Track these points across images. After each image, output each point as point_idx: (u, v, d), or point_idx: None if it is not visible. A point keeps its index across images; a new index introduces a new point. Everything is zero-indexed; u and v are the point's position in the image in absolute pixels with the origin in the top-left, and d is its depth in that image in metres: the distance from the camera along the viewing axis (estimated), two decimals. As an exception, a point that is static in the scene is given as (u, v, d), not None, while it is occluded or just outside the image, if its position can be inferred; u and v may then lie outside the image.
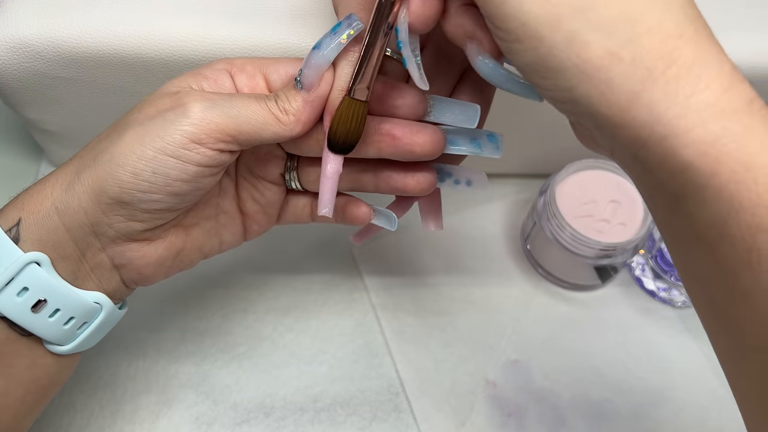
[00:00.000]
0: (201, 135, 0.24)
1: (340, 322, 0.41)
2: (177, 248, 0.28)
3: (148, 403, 0.37)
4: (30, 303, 0.24)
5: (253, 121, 0.25)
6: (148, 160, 0.24)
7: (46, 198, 0.25)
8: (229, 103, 0.25)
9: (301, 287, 0.42)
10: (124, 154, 0.24)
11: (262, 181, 0.30)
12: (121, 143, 0.24)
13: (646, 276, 0.43)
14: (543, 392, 0.39)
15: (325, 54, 0.24)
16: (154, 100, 0.26)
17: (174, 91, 0.26)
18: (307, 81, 0.25)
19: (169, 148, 0.24)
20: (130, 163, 0.24)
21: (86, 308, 0.26)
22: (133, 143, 0.24)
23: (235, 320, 0.40)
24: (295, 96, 0.25)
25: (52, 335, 0.26)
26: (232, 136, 0.25)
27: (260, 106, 0.25)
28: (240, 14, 0.34)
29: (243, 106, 0.25)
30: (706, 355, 0.41)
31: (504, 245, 0.45)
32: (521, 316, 0.42)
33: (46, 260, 0.24)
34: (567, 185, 0.41)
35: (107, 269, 0.26)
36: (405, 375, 0.39)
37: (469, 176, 0.29)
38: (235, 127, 0.24)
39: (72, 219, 0.24)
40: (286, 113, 0.25)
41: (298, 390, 0.38)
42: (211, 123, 0.24)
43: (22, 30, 0.33)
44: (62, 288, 0.25)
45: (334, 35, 0.24)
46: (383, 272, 0.43)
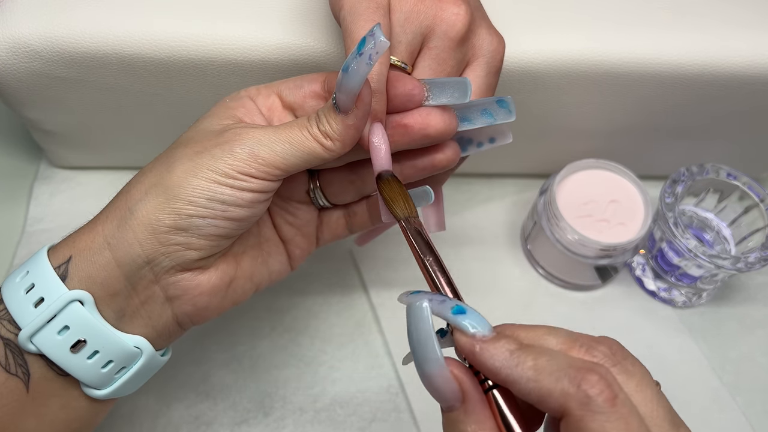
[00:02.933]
0: (251, 171, 0.25)
1: (340, 322, 0.41)
2: (229, 277, 0.28)
3: (147, 403, 0.37)
4: (70, 342, 0.24)
5: (299, 152, 0.25)
6: (203, 189, 0.24)
7: (97, 235, 0.25)
8: (276, 137, 0.25)
9: (301, 287, 0.42)
10: (177, 185, 0.24)
11: (291, 203, 0.30)
12: (173, 176, 0.25)
13: (647, 276, 0.43)
14: (543, 392, 0.39)
15: (356, 78, 0.24)
16: (199, 139, 0.26)
17: (217, 129, 0.26)
18: (344, 105, 0.25)
19: (222, 179, 0.24)
20: (186, 193, 0.24)
21: (126, 352, 0.26)
22: (185, 175, 0.24)
23: (234, 320, 0.40)
24: (335, 119, 0.25)
25: (89, 378, 0.25)
26: (281, 169, 0.25)
27: (304, 135, 0.25)
28: (240, 14, 0.34)
29: (288, 138, 0.25)
30: (706, 355, 0.41)
31: (504, 245, 0.45)
32: (522, 317, 0.42)
33: (89, 299, 0.24)
34: (567, 185, 0.41)
35: (159, 303, 0.26)
36: (405, 375, 0.39)
37: (490, 134, 0.29)
38: (283, 160, 0.25)
39: (125, 253, 0.24)
40: (329, 138, 0.25)
41: (298, 390, 0.38)
42: (259, 159, 0.25)
43: (22, 30, 0.33)
44: (103, 329, 0.25)
45: (360, 57, 0.23)
46: (383, 272, 0.43)
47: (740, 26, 0.37)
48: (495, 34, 0.28)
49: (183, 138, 0.27)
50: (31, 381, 0.24)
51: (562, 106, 0.39)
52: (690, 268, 0.40)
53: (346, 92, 0.24)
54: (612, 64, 0.36)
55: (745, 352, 0.42)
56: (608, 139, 0.43)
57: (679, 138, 0.43)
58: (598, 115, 0.40)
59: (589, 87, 0.37)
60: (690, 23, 0.37)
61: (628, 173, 0.41)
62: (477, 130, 0.29)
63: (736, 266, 0.37)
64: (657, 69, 0.36)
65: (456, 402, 0.21)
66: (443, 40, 0.27)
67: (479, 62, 0.28)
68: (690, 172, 0.40)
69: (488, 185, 0.47)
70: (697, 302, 0.43)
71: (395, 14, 0.26)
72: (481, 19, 0.28)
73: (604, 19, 0.37)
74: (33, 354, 0.24)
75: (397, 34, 0.26)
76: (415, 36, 0.27)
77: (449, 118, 0.26)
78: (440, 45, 0.27)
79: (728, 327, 0.43)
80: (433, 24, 0.27)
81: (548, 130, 0.41)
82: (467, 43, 0.27)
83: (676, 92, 0.38)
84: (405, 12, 0.26)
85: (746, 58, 0.36)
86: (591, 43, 0.36)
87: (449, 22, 0.27)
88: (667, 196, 0.39)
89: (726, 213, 0.42)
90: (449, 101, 0.26)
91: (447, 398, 0.21)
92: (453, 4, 0.27)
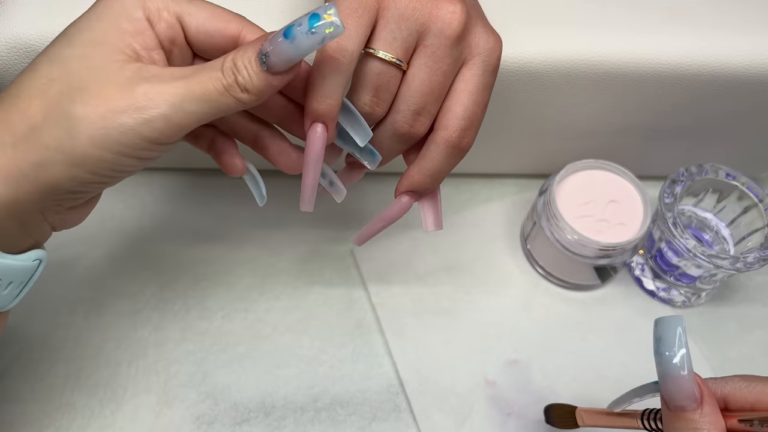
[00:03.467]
0: (164, 138, 0.24)
1: (340, 322, 0.41)
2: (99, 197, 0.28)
3: (148, 403, 0.37)
4: None
5: (212, 110, 0.24)
6: (108, 162, 0.23)
7: None
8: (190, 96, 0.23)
9: (301, 287, 0.42)
10: (81, 157, 0.23)
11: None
12: (76, 146, 0.23)
13: (646, 276, 0.43)
14: (542, 392, 0.39)
15: (299, 51, 0.23)
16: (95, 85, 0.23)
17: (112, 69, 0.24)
18: (274, 68, 0.24)
19: (130, 152, 0.23)
20: (90, 166, 0.23)
21: (30, 270, 0.26)
22: (90, 148, 0.23)
23: (235, 320, 0.41)
24: (259, 75, 0.24)
25: (1, 303, 0.26)
26: (194, 126, 0.24)
27: (218, 90, 0.24)
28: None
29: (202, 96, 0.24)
30: (705, 356, 0.41)
31: (504, 245, 0.45)
32: (521, 316, 0.42)
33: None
34: (567, 185, 0.41)
35: (45, 231, 0.27)
36: (405, 375, 0.39)
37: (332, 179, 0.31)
38: (196, 121, 0.24)
39: (18, 209, 0.24)
40: (246, 91, 0.24)
41: (299, 389, 0.38)
42: (174, 126, 0.23)
43: (22, 30, 0.33)
44: (11, 265, 0.25)
45: (312, 35, 0.23)
46: (383, 272, 0.43)
47: (739, 26, 0.37)
48: (492, 33, 0.28)
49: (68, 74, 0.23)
50: None
51: (562, 106, 0.39)
52: (689, 268, 0.40)
53: (284, 60, 0.23)
54: (611, 64, 0.36)
55: (745, 352, 0.42)
56: (608, 140, 0.43)
57: (678, 138, 0.43)
58: (598, 115, 0.40)
59: (588, 87, 0.37)
60: (689, 23, 0.37)
61: (628, 173, 0.41)
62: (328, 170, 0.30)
63: (735, 266, 0.37)
64: (656, 69, 0.36)
65: (693, 403, 0.24)
66: (439, 38, 0.27)
67: (475, 61, 0.28)
68: (689, 172, 0.40)
69: (488, 185, 0.47)
70: (696, 302, 0.43)
71: (389, 11, 0.26)
72: (478, 18, 0.28)
73: (603, 20, 0.37)
74: None
75: (392, 30, 0.26)
76: (410, 33, 0.26)
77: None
78: (436, 43, 0.27)
79: (727, 327, 0.43)
80: (428, 22, 0.26)
81: (548, 130, 0.42)
82: (463, 42, 0.27)
83: (675, 92, 0.38)
84: (400, 9, 0.26)
85: (745, 59, 0.36)
86: (590, 44, 0.36)
87: (445, 20, 0.26)
88: (666, 196, 0.39)
89: (725, 213, 0.42)
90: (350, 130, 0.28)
91: (686, 397, 0.24)
92: (449, 3, 0.27)
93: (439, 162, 0.29)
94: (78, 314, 0.40)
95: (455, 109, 0.28)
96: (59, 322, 0.39)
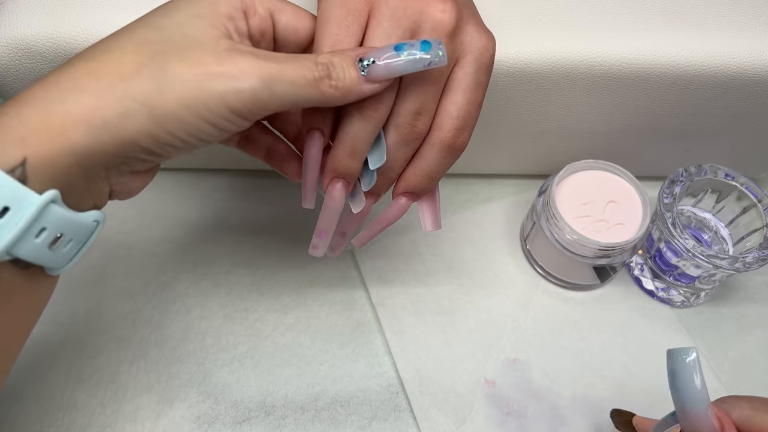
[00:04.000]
0: (246, 112, 0.24)
1: (340, 321, 0.41)
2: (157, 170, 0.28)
3: (149, 402, 0.37)
4: (48, 241, 0.24)
5: (298, 98, 0.25)
6: (187, 124, 0.24)
7: (58, 137, 0.23)
8: (280, 77, 0.24)
9: (301, 287, 0.42)
10: (165, 114, 0.23)
11: None
12: (163, 101, 0.23)
13: (645, 276, 0.44)
14: (542, 391, 0.39)
15: (405, 66, 0.25)
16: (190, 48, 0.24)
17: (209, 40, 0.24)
18: (374, 75, 0.25)
19: (211, 118, 0.24)
20: (169, 124, 0.23)
21: (88, 229, 0.26)
22: (176, 106, 0.23)
23: (236, 320, 0.41)
24: (352, 76, 0.25)
25: (57, 263, 0.25)
26: (273, 110, 0.25)
27: (307, 80, 0.24)
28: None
29: (292, 80, 0.24)
30: (704, 355, 0.41)
31: (504, 245, 0.45)
32: (521, 316, 0.42)
33: (59, 197, 0.23)
34: (566, 185, 0.41)
35: (104, 193, 0.26)
36: (405, 374, 0.39)
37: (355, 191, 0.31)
38: (281, 103, 0.24)
39: (90, 159, 0.24)
40: (336, 89, 0.25)
41: (299, 389, 0.38)
42: (259, 103, 0.24)
43: (23, 30, 0.33)
44: (76, 219, 0.25)
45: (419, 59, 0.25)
46: (383, 272, 0.43)
47: (739, 26, 0.37)
48: (484, 31, 0.28)
49: (168, 38, 0.24)
50: (1, 283, 0.24)
51: (561, 107, 0.39)
52: (688, 268, 0.40)
53: (385, 70, 0.25)
54: (611, 64, 0.36)
55: (744, 351, 0.42)
56: (607, 140, 0.43)
57: (677, 138, 0.43)
58: (597, 116, 0.40)
59: (587, 87, 0.38)
60: (689, 23, 0.37)
61: (627, 174, 0.41)
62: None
63: (734, 266, 0.37)
64: (656, 69, 0.36)
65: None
66: (431, 36, 0.27)
67: (468, 59, 0.28)
68: (688, 172, 0.40)
69: (488, 185, 0.47)
70: (696, 302, 0.43)
71: (381, 10, 0.26)
72: (470, 16, 0.28)
73: (603, 20, 0.37)
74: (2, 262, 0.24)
75: (385, 29, 0.26)
76: (403, 32, 0.27)
77: None
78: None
79: (726, 327, 0.43)
80: (420, 20, 0.27)
81: (547, 131, 0.42)
82: (456, 41, 0.27)
83: (675, 92, 0.38)
84: (391, 8, 0.26)
85: (744, 59, 0.36)
86: (590, 44, 0.36)
87: (436, 18, 0.26)
88: (665, 196, 0.39)
89: (724, 213, 0.42)
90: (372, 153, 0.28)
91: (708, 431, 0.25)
92: (440, 1, 0.27)
93: (435, 162, 0.29)
94: (78, 314, 0.40)
95: (449, 108, 0.28)
96: (60, 321, 0.40)
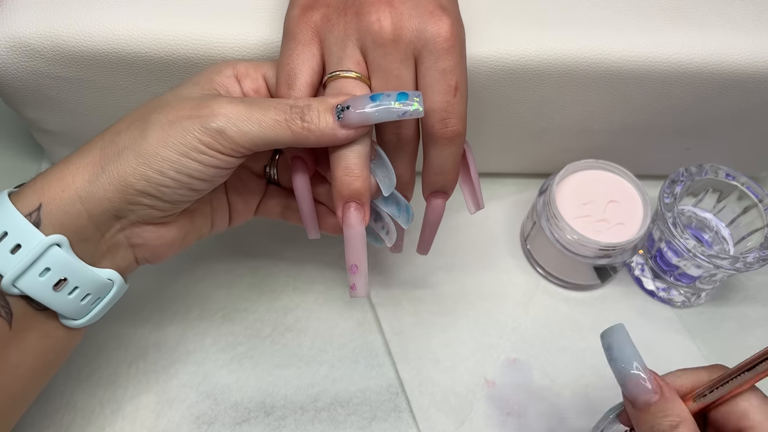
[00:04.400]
0: (218, 146, 0.26)
1: (340, 322, 0.41)
2: (185, 231, 0.30)
3: (148, 403, 0.37)
4: (52, 282, 0.26)
5: (268, 136, 0.26)
6: (172, 162, 0.26)
7: (68, 187, 0.26)
8: (248, 117, 0.26)
9: (301, 287, 0.42)
10: (149, 154, 0.26)
11: (247, 172, 0.33)
12: (146, 144, 0.26)
13: (646, 276, 0.43)
14: (542, 391, 0.39)
15: (378, 113, 0.26)
16: (173, 102, 0.27)
17: (195, 97, 0.27)
18: (348, 121, 0.26)
19: (191, 154, 0.26)
20: (156, 163, 0.26)
21: (101, 285, 0.28)
22: (157, 145, 0.26)
23: (235, 320, 0.41)
24: (327, 121, 0.26)
25: (69, 311, 0.27)
26: (248, 149, 0.27)
27: (278, 119, 0.26)
28: (240, 13, 0.34)
29: (261, 122, 0.26)
30: (704, 355, 0.41)
31: (504, 245, 0.45)
32: (521, 316, 0.42)
33: (66, 242, 0.26)
34: (566, 185, 0.41)
35: (123, 248, 0.29)
36: (405, 375, 0.39)
37: (389, 227, 0.32)
38: (250, 142, 0.26)
39: (96, 206, 0.26)
40: (309, 131, 0.26)
41: (299, 389, 0.38)
42: (227, 138, 0.26)
43: (22, 29, 0.33)
44: (81, 268, 0.27)
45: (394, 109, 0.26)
46: (383, 273, 0.43)
47: (741, 25, 0.37)
48: (431, 19, 0.27)
49: (162, 100, 0.28)
50: (13, 319, 0.26)
51: (562, 105, 0.39)
52: (689, 268, 0.40)
53: (359, 116, 0.26)
54: (612, 62, 0.36)
55: (745, 352, 0.41)
56: (608, 138, 0.43)
57: (678, 136, 0.43)
58: (598, 114, 0.40)
59: (588, 85, 0.37)
60: (690, 21, 0.37)
61: (627, 173, 0.41)
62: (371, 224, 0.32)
63: (735, 266, 0.37)
64: (657, 67, 0.36)
65: (654, 395, 0.26)
66: (375, 50, 0.27)
67: (422, 53, 0.28)
68: (689, 172, 0.40)
69: (488, 185, 0.47)
70: (696, 302, 0.43)
71: (329, 38, 0.28)
72: (413, 12, 0.27)
73: (604, 17, 0.37)
74: (15, 296, 0.26)
75: (335, 53, 0.28)
76: (353, 50, 0.28)
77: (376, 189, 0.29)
78: (376, 54, 0.28)
79: (727, 327, 0.43)
80: (363, 36, 0.27)
81: (548, 129, 0.42)
82: (402, 42, 0.27)
83: (676, 90, 0.38)
84: (336, 32, 0.28)
85: (746, 57, 0.36)
86: (591, 42, 0.36)
87: (373, 31, 0.27)
88: (666, 196, 0.39)
89: (725, 213, 0.42)
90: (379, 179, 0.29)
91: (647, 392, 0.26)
92: (374, 11, 0.27)
93: (438, 157, 0.29)
94: (78, 314, 0.40)
95: (425, 105, 0.28)
96: (59, 321, 0.39)
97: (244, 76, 0.30)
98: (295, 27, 0.28)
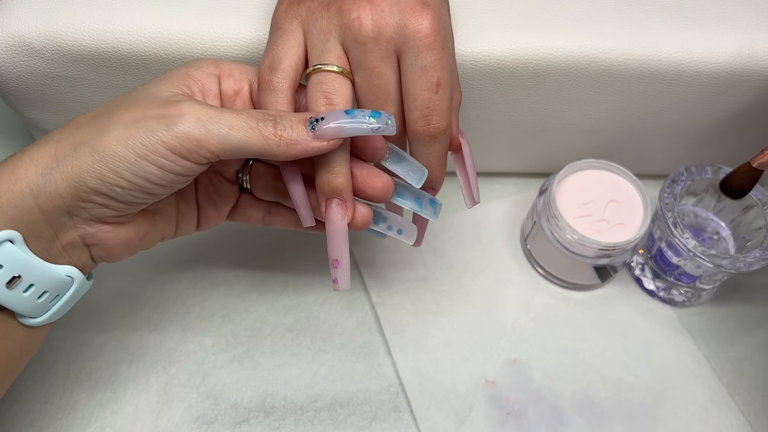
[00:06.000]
0: (182, 150, 0.25)
1: (340, 322, 0.41)
2: (143, 232, 0.29)
3: (148, 403, 0.37)
4: (5, 279, 0.25)
5: (239, 141, 0.25)
6: (130, 164, 0.25)
7: (20, 179, 0.25)
8: (217, 119, 0.25)
9: (301, 287, 0.42)
10: (106, 152, 0.24)
11: (219, 178, 0.32)
12: (104, 141, 0.25)
13: (646, 276, 0.43)
14: (542, 391, 0.39)
15: (351, 126, 0.26)
16: (141, 100, 0.26)
17: (164, 96, 0.26)
18: (322, 133, 0.26)
19: (151, 157, 0.25)
20: (113, 162, 0.25)
21: (59, 282, 0.27)
22: (116, 144, 0.24)
23: (235, 320, 0.41)
24: (300, 130, 0.26)
25: (26, 309, 0.26)
26: (214, 153, 0.25)
27: (249, 127, 0.25)
28: (240, 12, 0.34)
29: (231, 125, 0.25)
30: (705, 355, 0.41)
31: (504, 245, 0.45)
32: (521, 316, 0.42)
33: (19, 238, 0.25)
34: (567, 185, 0.41)
35: (78, 247, 0.27)
36: (405, 374, 0.39)
37: (401, 226, 0.31)
38: (218, 144, 0.25)
39: (47, 201, 0.25)
40: (280, 138, 0.26)
41: (299, 389, 0.38)
42: (193, 141, 0.25)
43: (22, 29, 0.33)
44: (36, 264, 0.26)
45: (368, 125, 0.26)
46: (383, 272, 0.43)
47: (741, 24, 0.37)
48: (411, 15, 0.27)
49: (128, 97, 0.26)
50: None
51: (562, 104, 0.39)
52: (689, 267, 0.40)
53: (333, 129, 0.26)
54: (612, 61, 0.36)
55: (745, 351, 0.42)
56: (608, 137, 0.43)
57: (678, 135, 0.43)
58: (598, 113, 0.40)
59: (588, 84, 0.37)
60: (690, 20, 0.37)
61: (628, 173, 0.41)
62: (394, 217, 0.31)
63: (735, 266, 0.37)
64: (657, 66, 0.36)
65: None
66: (356, 47, 0.27)
67: (403, 50, 0.27)
68: (689, 172, 0.40)
69: (488, 185, 0.47)
70: (696, 302, 0.43)
71: (312, 30, 0.28)
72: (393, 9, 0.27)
73: (604, 16, 0.37)
74: None
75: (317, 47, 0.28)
76: (335, 45, 0.28)
77: (388, 190, 0.28)
78: (357, 52, 0.27)
79: (727, 327, 0.43)
80: (344, 33, 0.27)
81: (548, 128, 0.42)
82: (382, 40, 0.27)
83: (676, 89, 0.38)
84: (318, 25, 0.28)
85: (746, 56, 0.36)
86: (591, 40, 0.36)
87: (353, 29, 0.27)
88: (666, 195, 0.39)
89: (725, 213, 0.42)
90: (401, 174, 0.29)
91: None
92: (354, 9, 0.27)
93: (423, 155, 0.29)
94: (78, 314, 0.40)
95: (407, 103, 0.28)
96: (59, 322, 0.39)
97: (227, 75, 0.29)
98: (282, 19, 0.28)
